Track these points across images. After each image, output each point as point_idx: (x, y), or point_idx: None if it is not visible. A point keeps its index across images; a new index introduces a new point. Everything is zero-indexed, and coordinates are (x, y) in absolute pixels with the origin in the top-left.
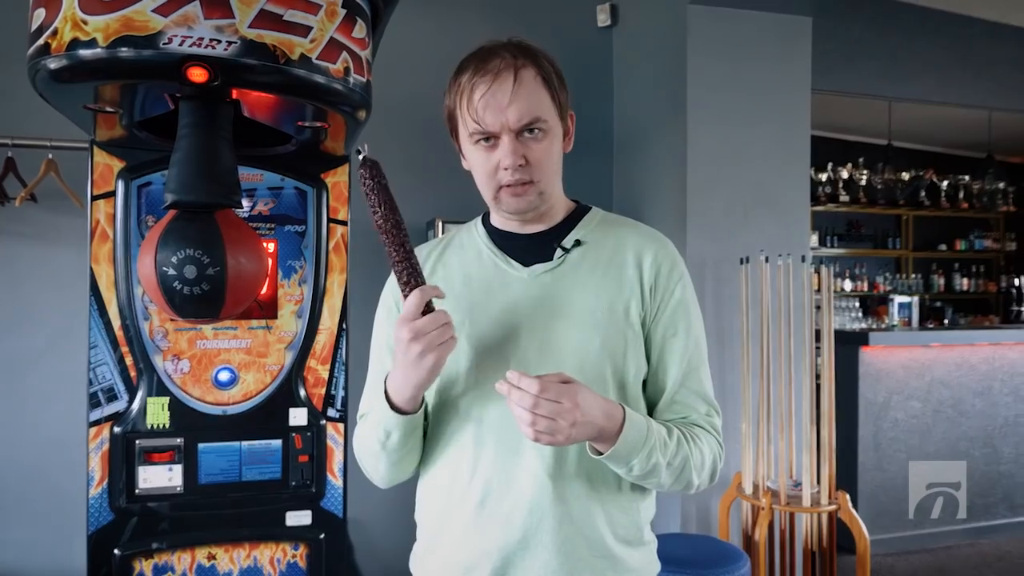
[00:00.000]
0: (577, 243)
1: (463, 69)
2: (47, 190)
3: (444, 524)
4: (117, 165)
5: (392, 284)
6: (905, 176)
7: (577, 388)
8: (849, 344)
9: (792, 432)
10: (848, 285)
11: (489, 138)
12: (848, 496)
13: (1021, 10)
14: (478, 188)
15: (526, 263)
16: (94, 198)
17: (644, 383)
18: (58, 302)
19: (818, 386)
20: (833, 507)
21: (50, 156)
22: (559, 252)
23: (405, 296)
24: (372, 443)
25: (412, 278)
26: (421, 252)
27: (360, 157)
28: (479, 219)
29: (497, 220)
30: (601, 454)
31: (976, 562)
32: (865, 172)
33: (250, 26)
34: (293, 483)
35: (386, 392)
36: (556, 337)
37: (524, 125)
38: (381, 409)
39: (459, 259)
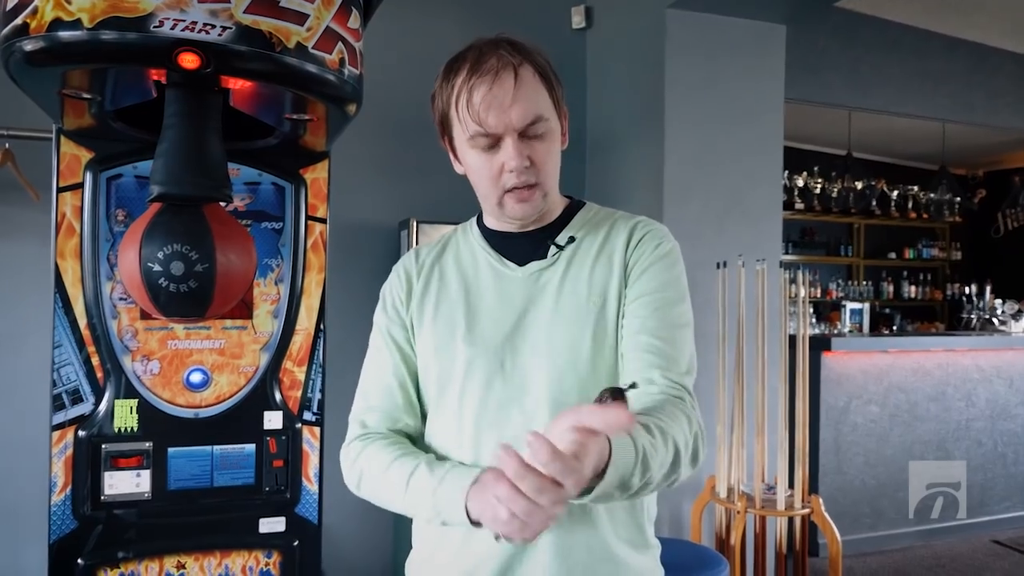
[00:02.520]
0: (571, 239)
1: (456, 70)
2: (2, 181)
3: (441, 532)
4: (85, 156)
5: (392, 282)
6: (858, 185)
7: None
8: (812, 349)
9: (765, 436)
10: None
11: (491, 141)
12: (820, 500)
13: (975, 27)
14: (477, 193)
15: (521, 262)
16: (60, 190)
17: None
18: (11, 299)
19: (791, 391)
20: (806, 510)
21: (7, 146)
22: (553, 250)
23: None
24: (400, 504)
25: None
26: (419, 255)
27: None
28: (473, 220)
29: (491, 221)
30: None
31: (930, 563)
32: (820, 181)
33: (246, 11)
34: (267, 489)
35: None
36: (550, 336)
37: (527, 124)
38: (452, 506)
39: (455, 262)
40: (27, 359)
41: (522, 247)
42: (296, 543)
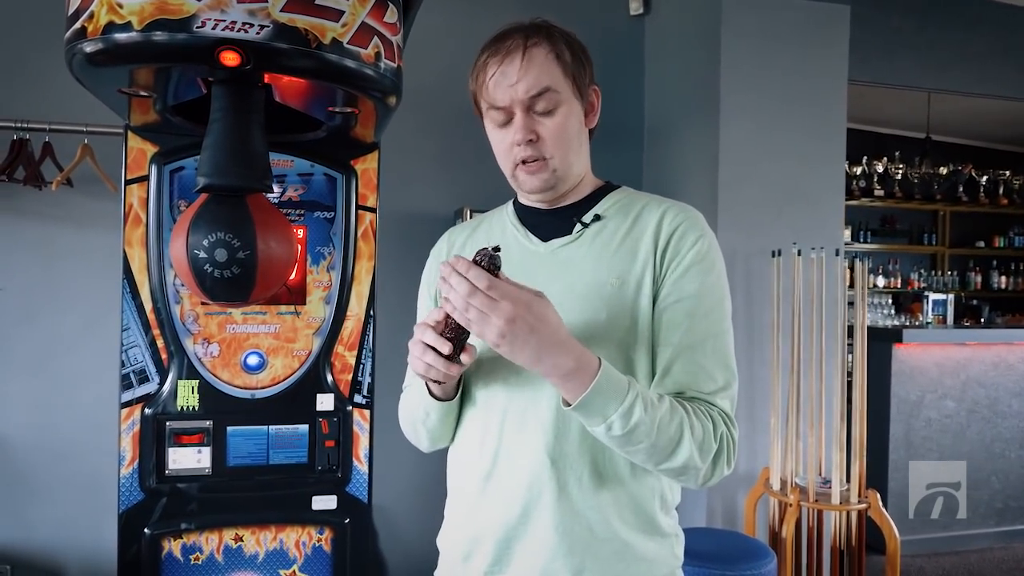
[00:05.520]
0: (597, 218)
1: (482, 51)
2: (83, 174)
3: (457, 497)
4: (150, 150)
5: (432, 261)
6: (943, 171)
7: (536, 302)
8: (882, 341)
9: (822, 429)
10: (881, 281)
11: (502, 116)
12: (878, 495)
13: None
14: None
15: (545, 238)
16: (128, 182)
17: None
18: (92, 285)
19: (849, 383)
20: (863, 506)
21: (86, 141)
22: (578, 227)
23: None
24: (413, 417)
25: (454, 334)
26: (452, 235)
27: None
28: (511, 200)
29: (522, 197)
30: (570, 405)
31: (1010, 566)
32: (901, 166)
33: (282, 10)
34: (319, 468)
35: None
36: (566, 312)
37: (533, 97)
38: (421, 390)
39: (487, 236)
40: (104, 341)
41: (549, 223)
42: (347, 520)
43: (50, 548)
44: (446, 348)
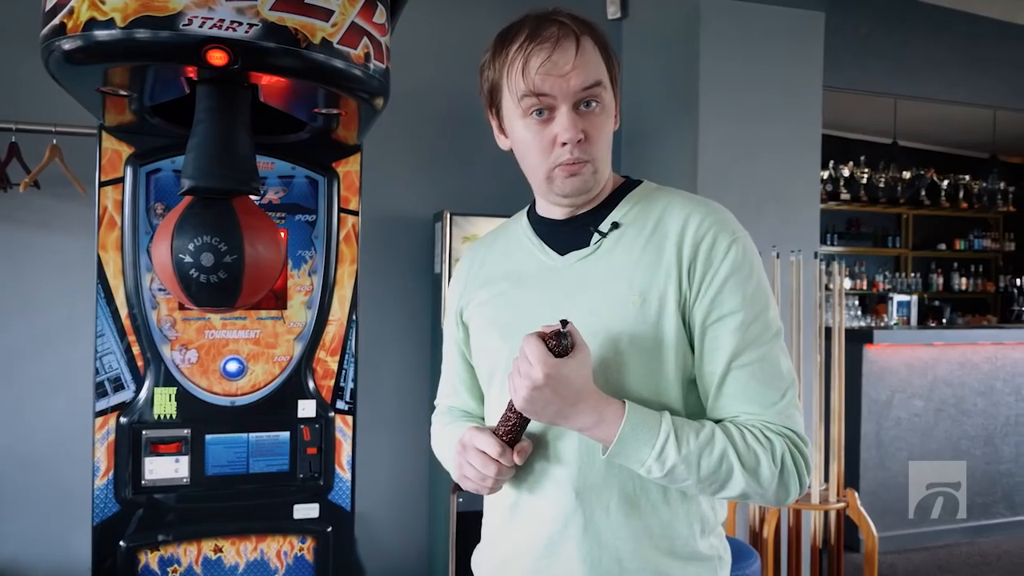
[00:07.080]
0: (615, 226)
1: (511, 38)
2: (51, 176)
3: (488, 522)
4: (126, 151)
5: (455, 281)
6: (906, 175)
7: (561, 364)
8: (853, 342)
9: None
10: (847, 283)
11: (543, 110)
12: (856, 494)
13: None
14: (523, 169)
15: (562, 251)
16: (102, 184)
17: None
18: (62, 290)
19: (826, 383)
20: (841, 505)
21: (54, 142)
22: (595, 237)
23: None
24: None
25: (509, 434)
26: (476, 248)
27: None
28: (525, 209)
29: (541, 207)
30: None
31: (976, 561)
32: (866, 171)
33: (272, 8)
34: (301, 476)
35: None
36: (586, 333)
37: (586, 90)
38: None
39: (504, 252)
40: (76, 348)
41: (566, 234)
42: (329, 529)
43: (18, 563)
44: (511, 458)
